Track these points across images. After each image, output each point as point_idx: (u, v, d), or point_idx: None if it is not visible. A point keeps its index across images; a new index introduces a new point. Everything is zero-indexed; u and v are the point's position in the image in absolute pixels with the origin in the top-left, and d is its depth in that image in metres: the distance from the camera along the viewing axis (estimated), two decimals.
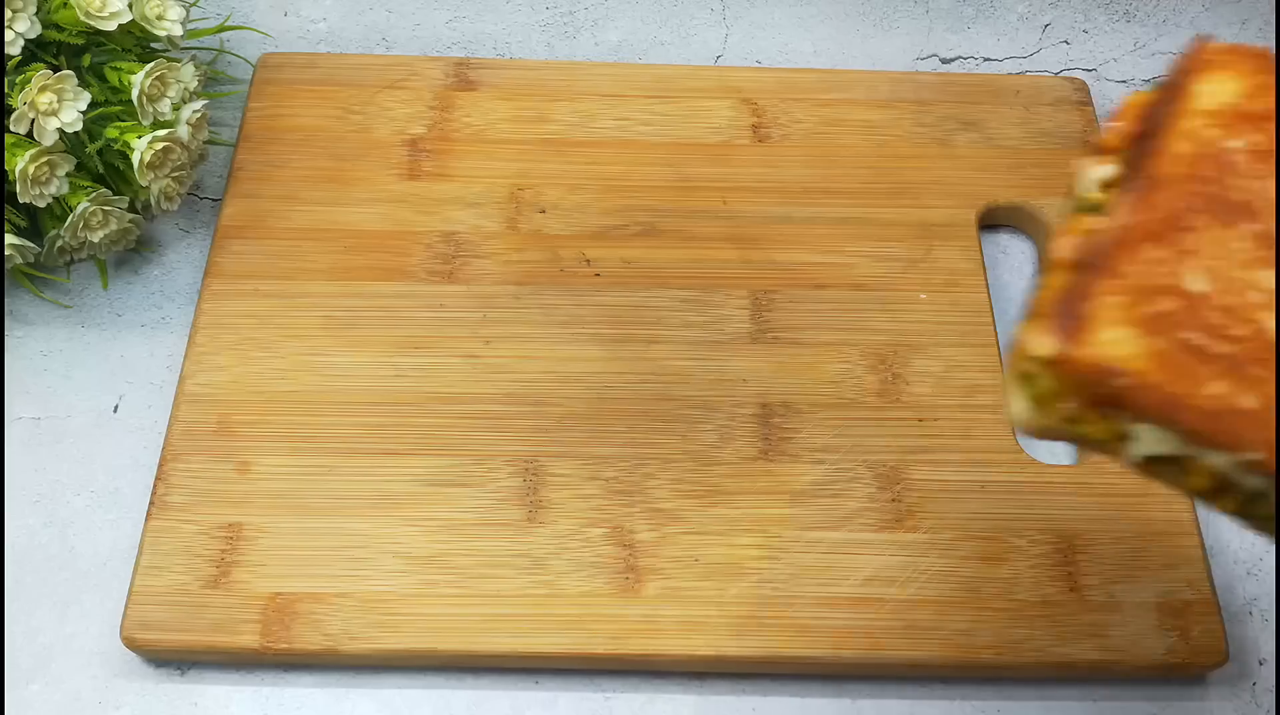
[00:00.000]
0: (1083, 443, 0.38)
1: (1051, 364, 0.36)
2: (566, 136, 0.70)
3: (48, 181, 0.59)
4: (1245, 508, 0.38)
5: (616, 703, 0.55)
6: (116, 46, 0.62)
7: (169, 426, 0.59)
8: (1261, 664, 0.57)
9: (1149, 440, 0.37)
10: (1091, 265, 0.37)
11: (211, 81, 0.73)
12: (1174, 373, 0.35)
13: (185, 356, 0.61)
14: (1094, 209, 0.39)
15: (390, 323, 0.63)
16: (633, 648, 0.54)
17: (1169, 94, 0.40)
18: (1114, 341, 0.35)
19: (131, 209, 0.64)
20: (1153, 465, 0.37)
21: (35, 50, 0.60)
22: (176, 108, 0.62)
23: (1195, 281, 0.36)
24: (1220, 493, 0.37)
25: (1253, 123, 0.39)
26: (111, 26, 0.59)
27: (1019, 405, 0.38)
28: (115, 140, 0.61)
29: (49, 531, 0.58)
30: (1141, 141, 0.38)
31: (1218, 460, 0.36)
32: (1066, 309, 0.36)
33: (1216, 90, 0.39)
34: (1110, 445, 0.37)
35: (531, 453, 0.59)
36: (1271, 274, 0.36)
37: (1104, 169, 0.40)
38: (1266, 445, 0.34)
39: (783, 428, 0.60)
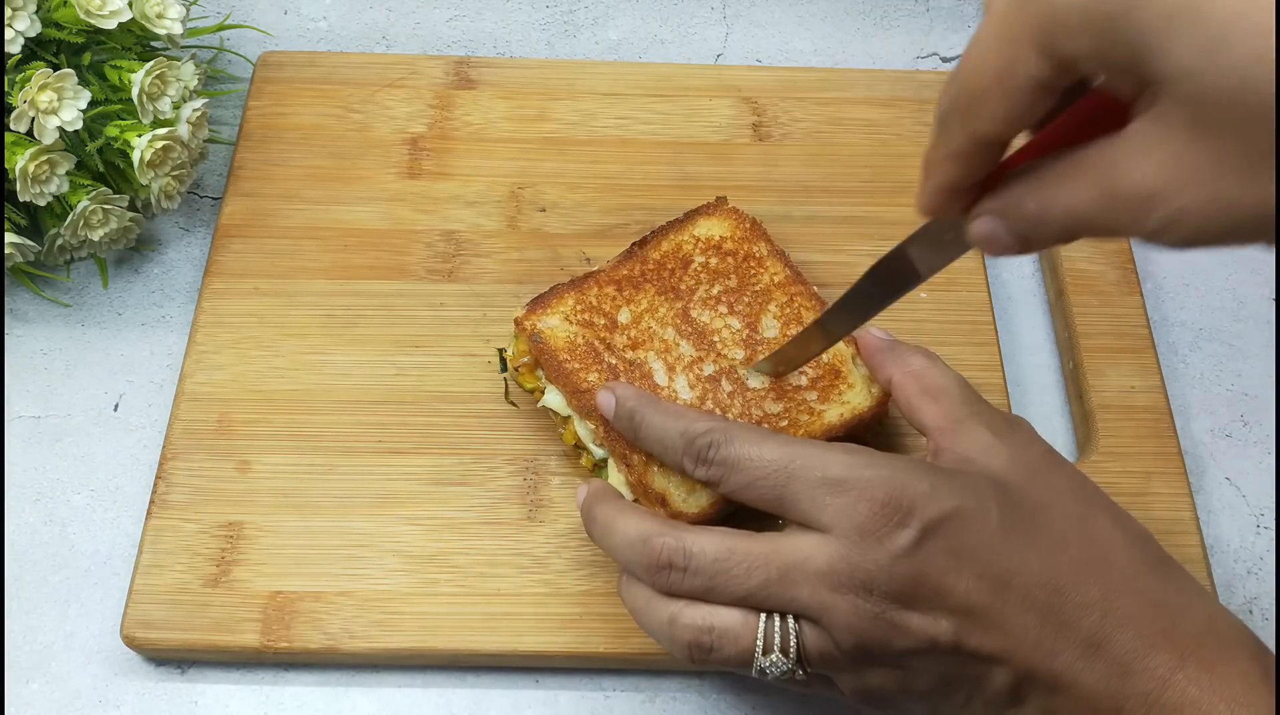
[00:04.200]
0: (525, 390, 0.59)
1: (516, 322, 0.57)
2: (567, 135, 0.70)
3: (48, 180, 0.59)
4: (597, 470, 0.57)
5: (616, 701, 0.55)
6: (116, 45, 0.62)
7: (169, 425, 0.59)
8: None
9: (552, 397, 0.57)
10: (573, 283, 0.59)
11: (211, 80, 0.73)
12: (574, 357, 0.56)
13: (185, 355, 0.61)
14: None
15: (390, 321, 0.63)
16: (633, 646, 0.54)
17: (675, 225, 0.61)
18: (550, 323, 0.57)
19: (132, 207, 0.64)
20: (552, 415, 0.58)
21: (35, 48, 0.60)
22: (177, 106, 0.62)
23: (623, 315, 0.58)
24: (580, 450, 0.57)
25: (719, 252, 0.60)
26: (111, 25, 0.59)
27: (512, 346, 0.59)
28: (115, 139, 0.61)
29: (49, 530, 0.58)
30: (644, 241, 0.61)
31: (580, 428, 0.56)
32: (541, 296, 0.58)
33: (710, 226, 0.61)
34: (535, 394, 0.58)
35: (532, 451, 0.59)
36: (675, 334, 0.57)
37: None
38: (602, 420, 0.53)
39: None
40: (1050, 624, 0.43)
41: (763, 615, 0.44)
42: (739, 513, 0.55)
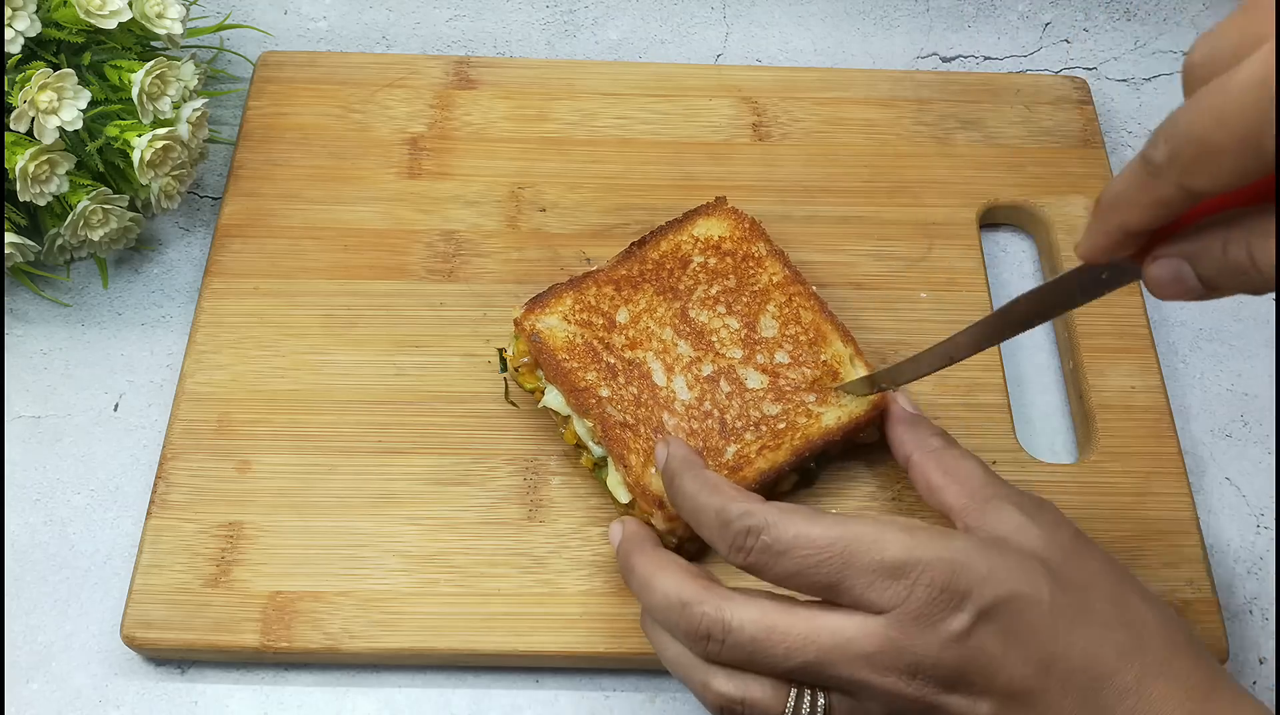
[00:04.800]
0: (525, 390, 0.59)
1: (516, 322, 0.58)
2: (567, 135, 0.70)
3: (48, 180, 0.59)
4: (596, 470, 0.57)
5: (616, 701, 0.55)
6: (116, 45, 0.62)
7: (169, 425, 0.59)
8: (1262, 662, 0.57)
9: (552, 397, 0.57)
10: (572, 283, 0.59)
11: (211, 80, 0.73)
12: (573, 356, 0.56)
13: (185, 355, 0.61)
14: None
15: (390, 321, 0.63)
16: (632, 646, 0.54)
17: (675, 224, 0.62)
18: (548, 323, 0.57)
19: (131, 207, 0.64)
20: (552, 415, 0.58)
21: (35, 48, 0.60)
22: (177, 106, 0.62)
23: (621, 315, 0.58)
24: (580, 450, 0.57)
25: (718, 252, 0.60)
26: (111, 25, 0.59)
27: (512, 346, 0.59)
28: (115, 138, 0.61)
29: (49, 530, 0.58)
30: (643, 241, 0.61)
31: (579, 427, 0.56)
32: (540, 296, 0.58)
33: (709, 226, 0.61)
34: (535, 394, 0.59)
35: (531, 451, 0.59)
36: (673, 334, 0.57)
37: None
38: (599, 419, 0.54)
39: None
40: (1088, 707, 0.43)
41: (794, 689, 0.44)
42: None
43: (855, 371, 0.57)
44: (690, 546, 0.55)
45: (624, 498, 0.55)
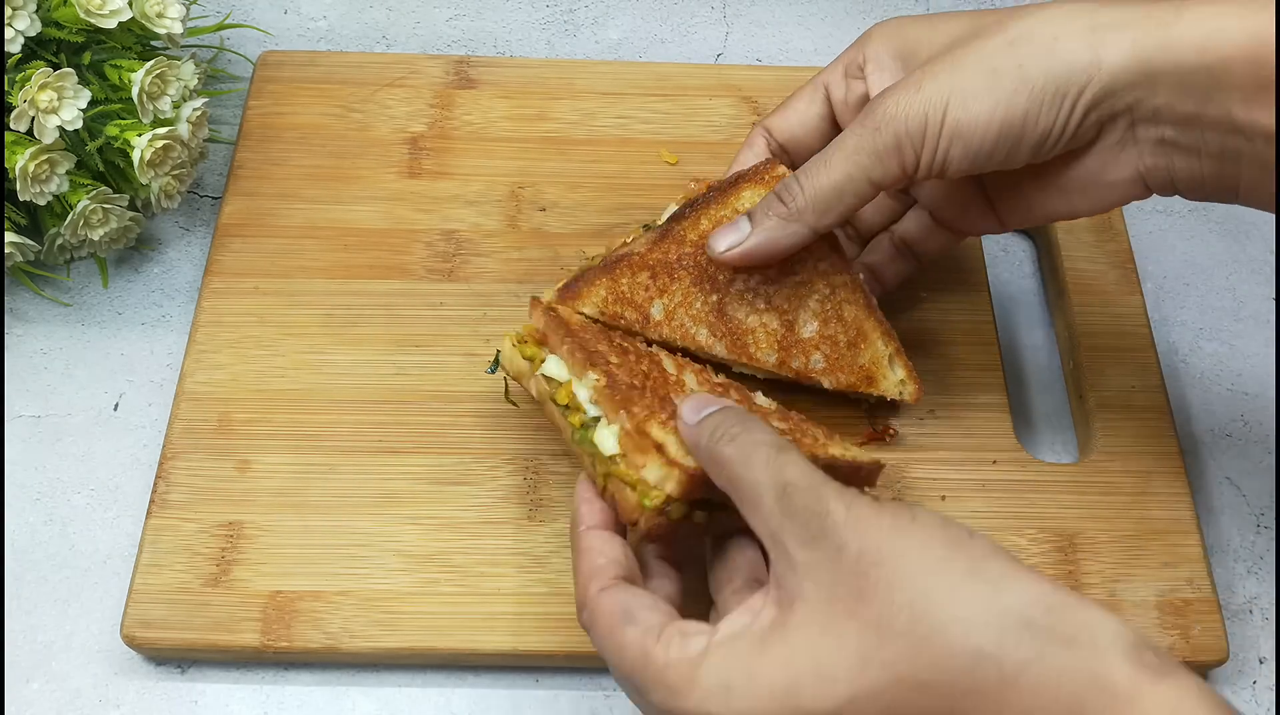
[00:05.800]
0: (518, 367, 0.55)
1: (533, 299, 0.55)
2: (566, 135, 0.70)
3: (48, 179, 0.59)
4: (582, 431, 0.52)
5: (616, 701, 0.55)
6: (116, 44, 0.62)
7: (169, 424, 0.59)
8: (1262, 662, 0.57)
9: (552, 364, 0.53)
10: (606, 268, 0.57)
11: (211, 79, 0.73)
12: (586, 330, 0.54)
13: (185, 354, 0.61)
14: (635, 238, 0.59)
15: (390, 321, 0.63)
16: None
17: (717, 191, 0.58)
18: (583, 311, 0.56)
19: (132, 207, 0.64)
20: (546, 382, 0.54)
21: (35, 48, 0.60)
22: (177, 105, 0.62)
23: (656, 310, 0.56)
24: (570, 411, 0.52)
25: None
26: (111, 24, 0.59)
27: (505, 346, 0.55)
28: (115, 138, 0.61)
29: (49, 529, 0.58)
30: (680, 215, 0.57)
31: (579, 388, 0.52)
32: (572, 284, 0.57)
33: (757, 197, 0.57)
34: (534, 364, 0.54)
35: (531, 451, 0.59)
36: (708, 334, 0.56)
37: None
38: (606, 374, 0.51)
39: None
40: None
41: None
42: None
43: (894, 373, 0.57)
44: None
45: (610, 449, 0.51)
